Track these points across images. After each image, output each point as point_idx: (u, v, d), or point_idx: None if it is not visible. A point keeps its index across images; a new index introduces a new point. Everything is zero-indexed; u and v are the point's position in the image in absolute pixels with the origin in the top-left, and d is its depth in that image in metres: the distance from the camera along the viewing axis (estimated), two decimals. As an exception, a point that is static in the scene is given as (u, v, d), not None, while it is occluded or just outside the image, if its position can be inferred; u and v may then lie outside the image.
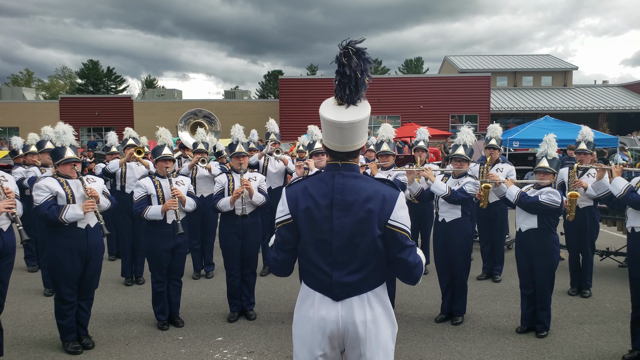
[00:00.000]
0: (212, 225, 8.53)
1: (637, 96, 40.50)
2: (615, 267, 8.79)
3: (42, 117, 34.20)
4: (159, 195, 6.05)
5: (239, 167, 6.40)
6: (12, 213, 5.00)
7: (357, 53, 2.62)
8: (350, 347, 2.79)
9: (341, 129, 2.69)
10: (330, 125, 2.70)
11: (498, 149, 8.22)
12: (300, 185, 2.86)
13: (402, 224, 2.75)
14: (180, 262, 6.22)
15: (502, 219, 8.25)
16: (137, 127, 33.53)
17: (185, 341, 5.78)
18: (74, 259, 5.29)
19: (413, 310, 6.74)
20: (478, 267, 8.36)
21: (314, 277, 2.82)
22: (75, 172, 5.39)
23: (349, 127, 2.68)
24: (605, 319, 6.37)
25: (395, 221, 2.74)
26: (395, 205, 2.75)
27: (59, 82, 72.17)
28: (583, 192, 6.99)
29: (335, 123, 2.67)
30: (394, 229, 2.74)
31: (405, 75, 48.57)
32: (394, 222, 2.73)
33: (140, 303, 7.06)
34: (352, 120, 2.67)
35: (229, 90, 56.82)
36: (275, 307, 6.90)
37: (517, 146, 17.23)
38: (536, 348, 5.53)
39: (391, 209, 2.73)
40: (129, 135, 8.81)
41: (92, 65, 62.02)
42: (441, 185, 6.14)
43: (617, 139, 18.47)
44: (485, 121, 33.15)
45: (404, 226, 2.75)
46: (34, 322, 6.39)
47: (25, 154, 8.62)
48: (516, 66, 44.82)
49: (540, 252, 5.73)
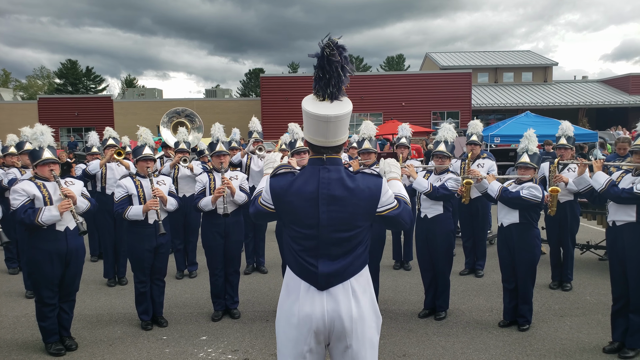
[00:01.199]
0: (194, 225, 8.49)
1: (616, 91, 41.07)
2: (596, 261, 8.89)
3: (20, 118, 33.75)
4: (140, 195, 6.01)
5: (219, 166, 6.38)
6: None
7: (338, 49, 2.65)
8: (336, 340, 2.82)
9: (327, 123, 2.72)
10: (315, 119, 2.73)
11: (479, 145, 8.29)
12: (285, 179, 2.87)
13: (390, 204, 2.85)
14: (162, 262, 6.18)
15: (484, 214, 8.31)
16: (118, 127, 33.18)
17: (169, 341, 5.75)
18: (53, 262, 5.23)
19: (396, 306, 6.77)
20: (461, 263, 8.41)
21: (300, 265, 2.85)
22: (52, 174, 5.32)
23: (335, 120, 2.72)
24: (585, 312, 6.45)
25: (383, 206, 2.84)
26: (381, 193, 2.82)
27: (37, 83, 71.32)
28: (564, 187, 7.06)
29: (322, 117, 2.71)
30: (383, 213, 2.84)
31: (387, 73, 48.63)
32: (381, 208, 2.84)
33: (124, 304, 7.01)
34: (339, 113, 2.72)
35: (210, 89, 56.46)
36: (259, 305, 6.89)
37: (498, 142, 17.34)
38: (518, 341, 5.58)
39: (377, 198, 2.82)
40: (109, 135, 8.72)
41: (70, 65, 61.42)
42: (423, 182, 6.18)
43: (597, 134, 18.67)
44: (467, 117, 33.38)
45: (391, 204, 2.86)
46: (16, 324, 6.32)
47: (4, 155, 8.50)
48: (497, 62, 45.11)
49: (521, 246, 5.78)
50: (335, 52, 2.64)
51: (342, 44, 2.67)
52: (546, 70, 45.17)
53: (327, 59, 2.65)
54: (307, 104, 2.77)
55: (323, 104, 2.75)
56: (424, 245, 6.33)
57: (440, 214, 6.20)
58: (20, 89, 68.54)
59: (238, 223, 6.45)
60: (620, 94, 40.36)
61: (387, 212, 2.84)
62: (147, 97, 42.59)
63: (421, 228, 6.35)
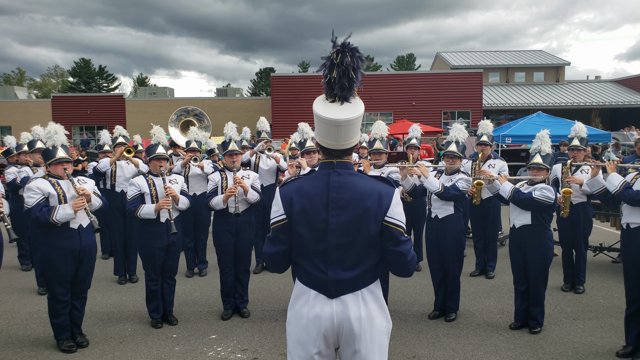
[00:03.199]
0: (205, 224, 8.52)
1: (630, 91, 40.66)
2: (609, 263, 8.82)
3: (34, 116, 34.12)
4: (152, 193, 6.04)
5: (232, 165, 6.39)
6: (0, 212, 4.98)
7: (351, 51, 2.62)
8: (344, 344, 2.79)
9: (338, 127, 2.68)
10: (326, 123, 2.69)
11: (489, 145, 8.25)
12: (295, 184, 2.84)
13: (398, 220, 2.76)
14: (173, 260, 6.21)
15: (495, 215, 8.26)
16: (130, 125, 33.49)
17: (179, 339, 5.77)
18: (66, 259, 5.27)
19: (406, 307, 6.75)
20: (471, 264, 8.38)
21: (308, 274, 2.81)
22: (65, 173, 5.35)
23: (346, 124, 2.68)
24: (598, 315, 6.40)
25: (392, 217, 2.75)
26: (392, 202, 2.75)
27: (51, 81, 71.85)
28: (578, 188, 7.00)
29: (333, 121, 2.66)
30: (391, 225, 2.75)
31: (398, 72, 48.54)
32: (390, 219, 2.74)
33: (134, 301, 7.05)
34: (349, 117, 2.66)
35: (220, 88, 56.63)
36: (268, 304, 6.90)
37: (509, 142, 17.26)
38: (530, 344, 5.54)
39: (388, 206, 2.74)
40: (119, 133, 8.80)
41: (84, 63, 61.80)
42: (434, 181, 6.15)
43: (610, 135, 18.53)
44: (478, 117, 33.24)
45: (399, 222, 2.77)
46: (28, 321, 6.36)
47: (18, 154, 8.57)
48: (508, 62, 44.86)
49: (533, 248, 5.74)
50: (347, 55, 2.61)
51: (355, 46, 2.63)
52: (558, 70, 44.86)
53: (337, 61, 2.62)
54: (318, 106, 2.73)
55: (334, 105, 2.71)
56: (434, 245, 6.30)
57: (451, 214, 6.18)
58: (35, 87, 69.05)
59: (249, 222, 6.45)
60: (633, 94, 39.94)
61: (395, 227, 2.75)
62: (158, 96, 42.79)
63: (431, 228, 6.32)
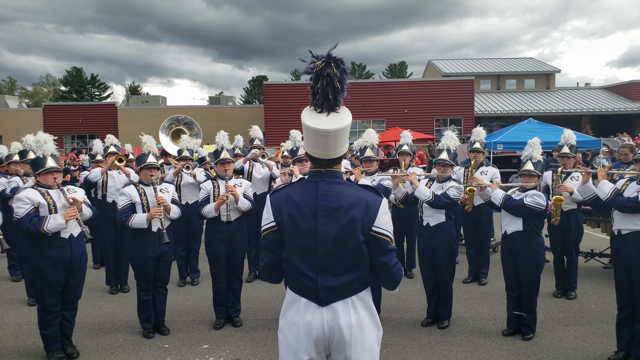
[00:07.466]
0: (197, 232, 8.49)
1: (619, 98, 40.96)
2: (600, 269, 8.85)
3: (25, 125, 33.94)
4: (143, 203, 6.02)
5: (224, 174, 6.38)
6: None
7: (335, 62, 2.65)
8: (336, 351, 2.80)
9: (327, 137, 2.71)
10: (315, 133, 2.72)
11: (482, 152, 8.28)
12: (284, 192, 2.86)
13: (385, 230, 2.78)
14: (165, 269, 6.18)
15: (487, 221, 8.28)
16: (122, 134, 33.40)
17: (171, 349, 5.73)
18: (57, 270, 5.23)
19: (399, 314, 6.74)
20: (464, 270, 8.39)
21: (299, 283, 2.83)
22: (55, 182, 5.33)
23: (335, 134, 2.71)
24: (590, 321, 6.41)
25: (379, 227, 2.76)
26: (379, 212, 2.77)
27: (43, 90, 71.62)
28: (569, 196, 7.03)
29: (321, 131, 2.69)
30: (378, 235, 2.76)
31: (390, 80, 48.71)
32: (377, 229, 2.76)
33: (126, 311, 7.00)
34: (338, 127, 2.69)
35: (213, 96, 56.61)
36: (261, 313, 6.87)
37: (501, 149, 17.33)
38: (522, 350, 5.55)
39: (375, 215, 2.76)
40: (110, 142, 8.73)
41: (75, 72, 61.70)
42: (425, 190, 6.16)
43: (600, 141, 18.64)
44: (470, 124, 33.41)
45: (386, 232, 2.78)
46: (18, 332, 6.31)
47: (8, 163, 8.50)
48: (500, 69, 45.09)
49: (525, 254, 5.76)
50: (332, 64, 2.63)
51: (340, 57, 2.66)
52: (549, 77, 45.12)
53: (321, 73, 2.64)
54: (306, 117, 2.75)
55: (321, 116, 2.73)
56: (426, 253, 6.31)
57: (443, 222, 6.19)
58: (26, 96, 68.80)
59: (242, 230, 6.43)
60: (623, 100, 40.24)
61: (383, 237, 2.76)
62: (151, 104, 42.71)
63: (423, 236, 6.33)
